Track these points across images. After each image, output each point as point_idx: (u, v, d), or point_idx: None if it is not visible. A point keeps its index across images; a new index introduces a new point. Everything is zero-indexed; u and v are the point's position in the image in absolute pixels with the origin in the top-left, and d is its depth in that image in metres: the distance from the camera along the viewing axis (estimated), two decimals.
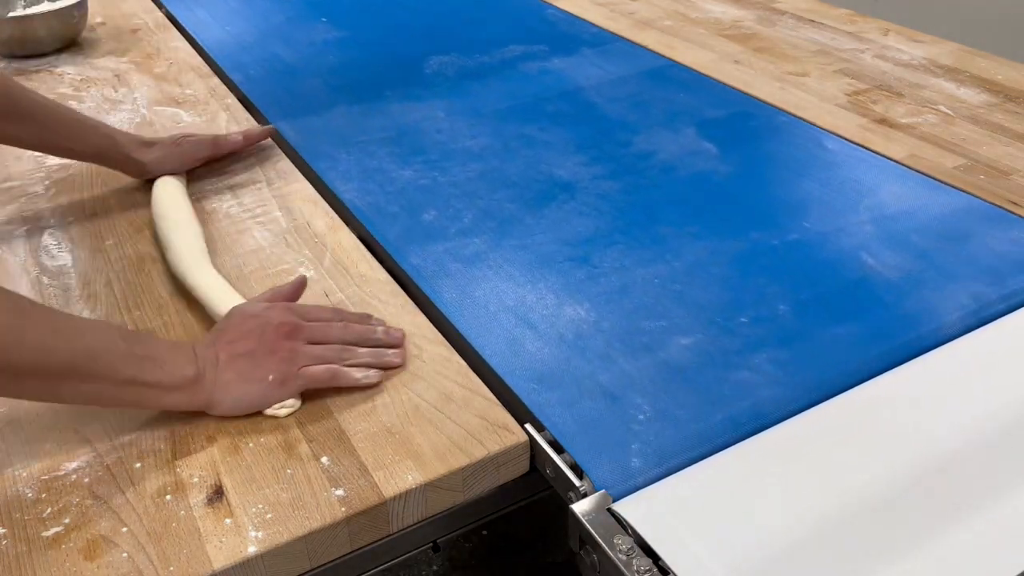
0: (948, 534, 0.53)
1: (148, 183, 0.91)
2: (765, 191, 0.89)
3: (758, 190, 0.89)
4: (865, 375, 0.65)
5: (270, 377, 0.63)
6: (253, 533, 0.55)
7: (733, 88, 1.12)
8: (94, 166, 0.97)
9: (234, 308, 0.68)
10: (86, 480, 0.59)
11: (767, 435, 0.61)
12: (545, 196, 0.89)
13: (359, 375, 0.65)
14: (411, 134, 1.02)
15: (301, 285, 0.72)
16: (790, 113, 1.05)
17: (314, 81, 1.18)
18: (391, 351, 0.68)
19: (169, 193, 0.88)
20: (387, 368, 0.67)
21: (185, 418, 0.64)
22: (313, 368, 0.64)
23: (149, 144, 0.91)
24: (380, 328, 0.69)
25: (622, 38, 1.29)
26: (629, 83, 1.13)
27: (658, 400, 0.63)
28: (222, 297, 0.72)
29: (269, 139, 1.03)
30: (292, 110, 1.10)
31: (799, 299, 0.73)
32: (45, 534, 0.56)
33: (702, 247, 0.80)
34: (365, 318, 0.71)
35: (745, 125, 1.03)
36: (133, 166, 0.90)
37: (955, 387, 0.65)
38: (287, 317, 0.66)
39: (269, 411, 0.64)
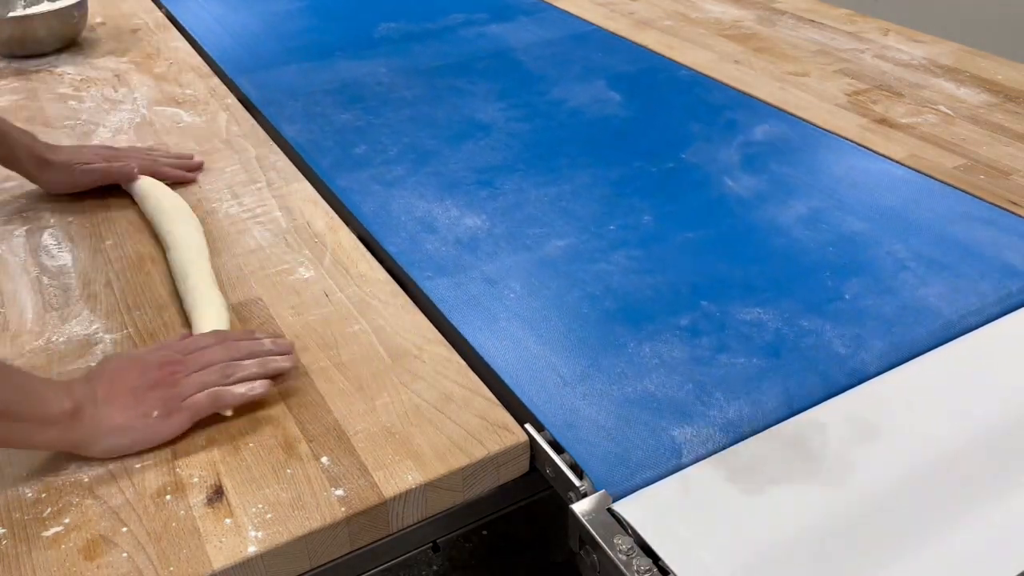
0: (949, 534, 0.53)
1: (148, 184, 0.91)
2: (654, 131, 1.03)
3: (649, 130, 1.03)
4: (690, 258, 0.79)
5: (154, 413, 0.60)
6: (253, 533, 0.55)
7: (649, 50, 1.25)
8: None
9: (110, 355, 0.67)
10: (86, 480, 0.59)
11: (767, 435, 0.61)
12: (463, 135, 1.02)
13: (243, 390, 0.62)
14: (353, 86, 1.16)
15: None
16: (790, 112, 1.05)
17: (273, 44, 1.32)
18: (279, 357, 0.65)
19: (160, 189, 0.89)
20: (276, 374, 0.65)
21: None
22: (195, 396, 0.61)
23: (48, 163, 0.90)
24: (267, 340, 0.67)
25: (557, 7, 1.40)
26: (555, 45, 1.28)
27: (528, 283, 0.77)
28: (210, 296, 0.73)
29: (270, 139, 1.03)
30: (251, 68, 1.23)
31: (661, 212, 0.87)
32: (45, 534, 0.56)
33: (590, 174, 0.94)
34: (250, 334, 0.68)
35: (651, 79, 1.17)
36: (32, 179, 0.92)
37: (955, 387, 0.65)
38: (166, 353, 0.64)
39: None
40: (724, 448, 0.60)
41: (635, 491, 0.57)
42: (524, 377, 0.66)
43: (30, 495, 0.58)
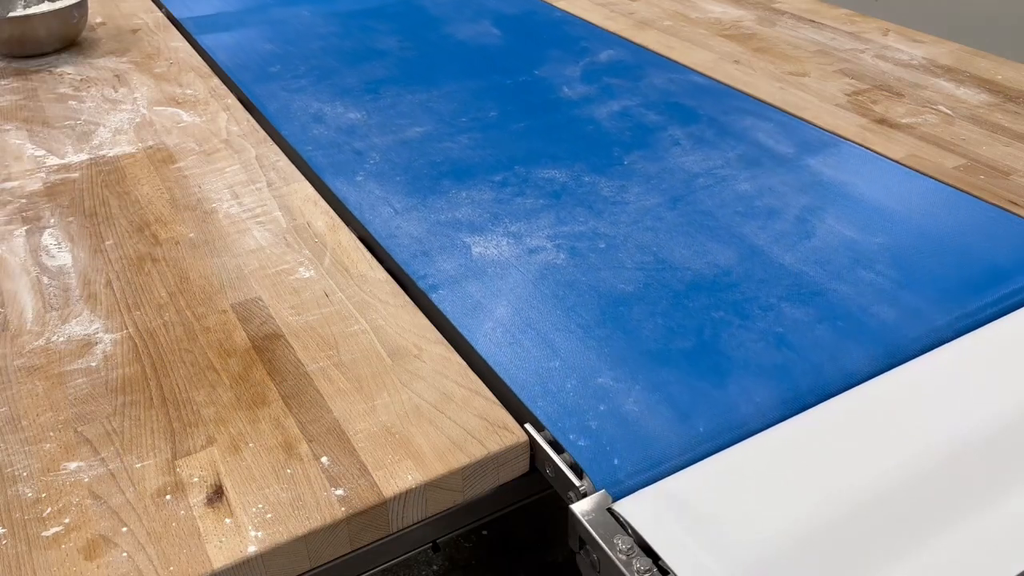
0: (948, 534, 0.53)
1: (148, 184, 0.91)
2: (518, 55, 1.26)
3: (513, 55, 1.26)
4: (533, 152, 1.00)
5: None
6: (253, 533, 0.55)
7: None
8: (94, 167, 0.97)
9: None
10: (86, 480, 0.59)
11: (767, 435, 0.61)
12: (362, 59, 1.26)
13: None
14: (279, 24, 1.41)
15: None
16: (791, 114, 1.05)
17: (219, 2, 1.56)
18: None
19: None
20: None
21: (185, 418, 0.64)
22: None
23: None
24: None
25: None
26: None
27: (386, 155, 1.00)
28: None
29: (270, 139, 1.03)
30: (196, 10, 1.48)
31: (505, 109, 1.09)
32: (45, 534, 0.56)
33: (457, 85, 1.17)
34: None
35: (529, 19, 1.41)
36: None
37: (955, 387, 0.65)
38: None
39: None
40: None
41: (635, 491, 0.57)
42: (365, 209, 0.88)
43: (30, 495, 0.58)
